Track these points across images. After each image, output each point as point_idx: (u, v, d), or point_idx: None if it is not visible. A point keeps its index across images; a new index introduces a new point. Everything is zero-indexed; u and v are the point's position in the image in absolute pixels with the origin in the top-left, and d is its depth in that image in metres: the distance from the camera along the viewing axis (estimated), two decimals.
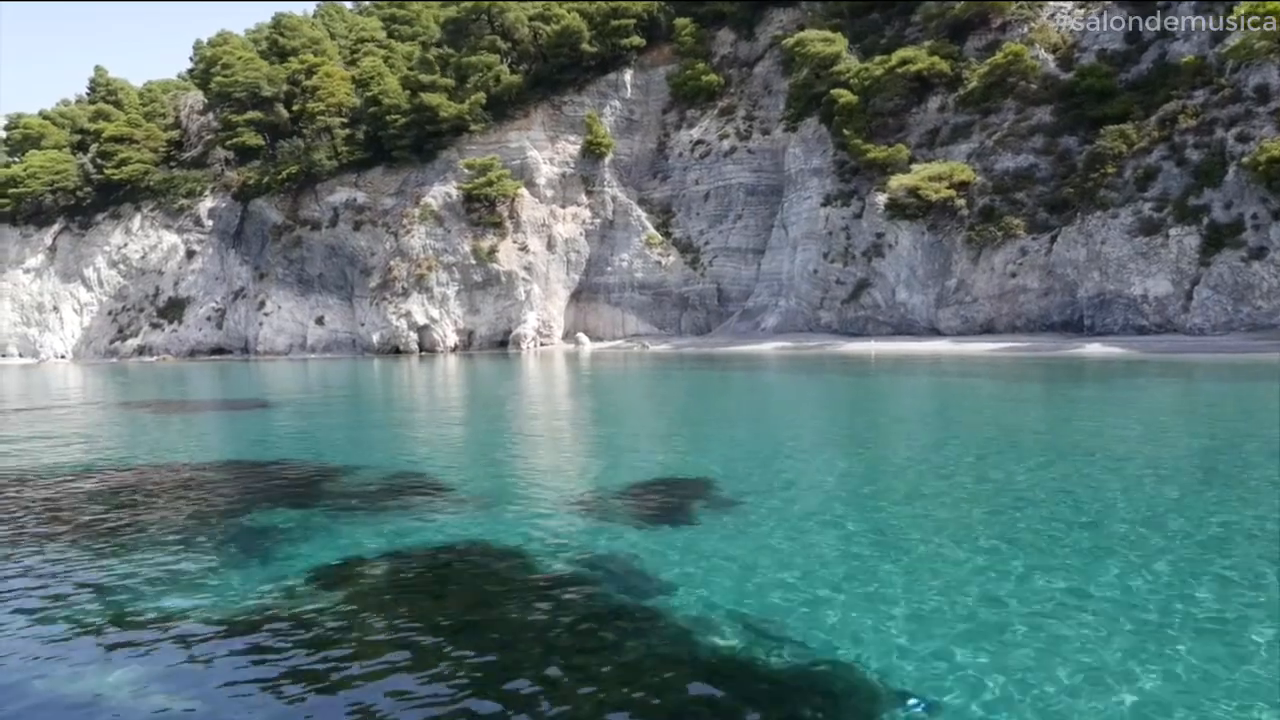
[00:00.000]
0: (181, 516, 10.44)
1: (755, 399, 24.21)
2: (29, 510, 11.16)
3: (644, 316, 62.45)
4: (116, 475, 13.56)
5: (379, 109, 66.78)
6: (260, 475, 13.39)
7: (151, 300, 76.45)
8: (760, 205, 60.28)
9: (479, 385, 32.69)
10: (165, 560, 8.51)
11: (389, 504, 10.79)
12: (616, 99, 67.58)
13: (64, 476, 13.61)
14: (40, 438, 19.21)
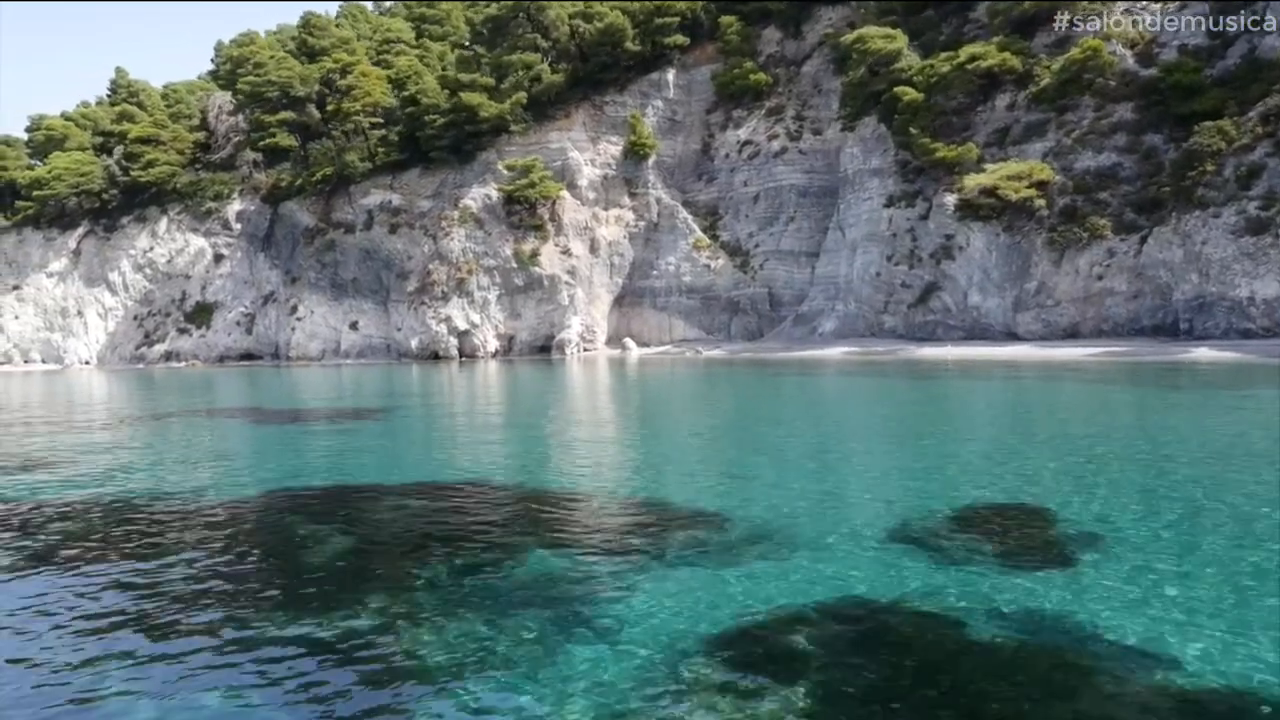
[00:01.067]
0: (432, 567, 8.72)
1: (904, 409, 22.49)
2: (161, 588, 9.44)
3: (691, 321, 60.78)
4: (313, 499, 11.84)
5: (416, 109, 65.20)
6: (474, 502, 11.67)
7: (178, 305, 74.74)
8: (813, 207, 58.68)
9: (568, 391, 30.94)
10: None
11: (704, 542, 9.03)
12: (659, 99, 66.02)
13: (220, 508, 11.89)
14: (142, 460, 17.50)
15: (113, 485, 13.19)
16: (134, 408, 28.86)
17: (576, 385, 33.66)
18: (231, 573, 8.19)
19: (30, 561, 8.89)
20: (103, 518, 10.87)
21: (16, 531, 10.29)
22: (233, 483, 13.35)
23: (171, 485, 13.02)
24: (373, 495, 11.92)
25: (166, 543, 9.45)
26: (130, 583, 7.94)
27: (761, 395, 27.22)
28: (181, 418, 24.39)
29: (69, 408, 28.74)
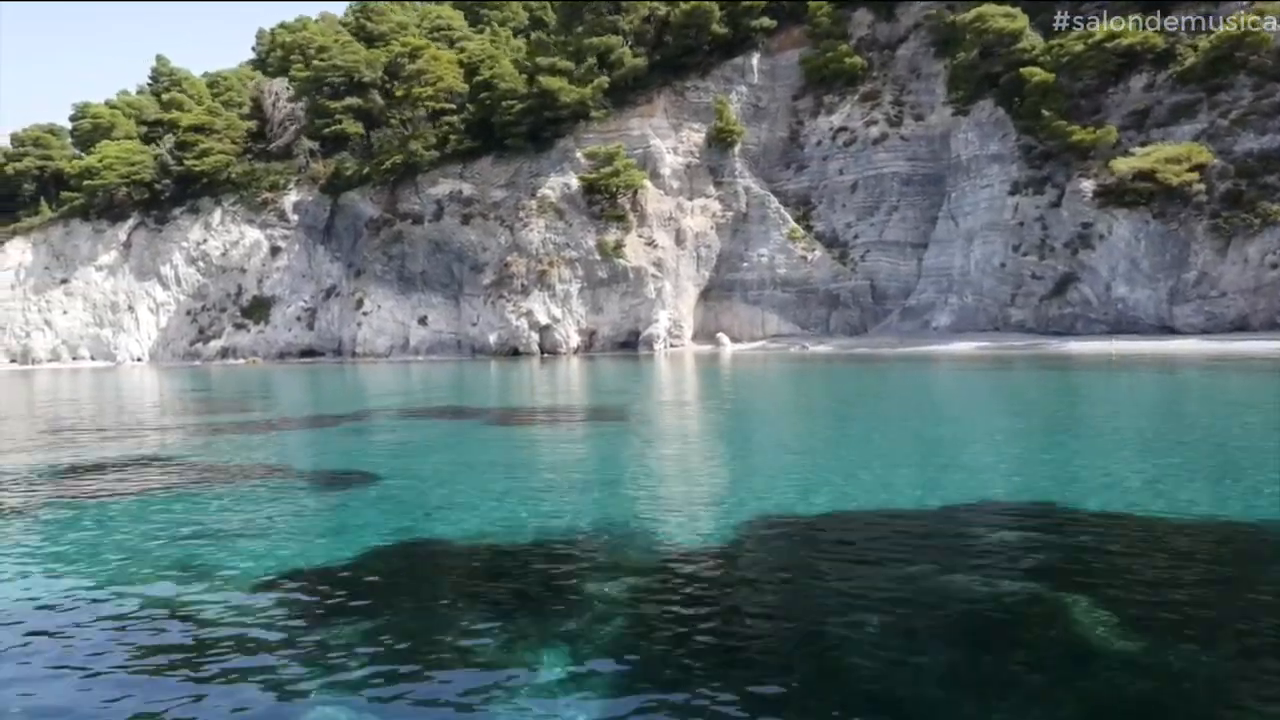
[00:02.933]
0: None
1: (1146, 409, 19.75)
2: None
3: (786, 315, 58.06)
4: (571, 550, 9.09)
5: (491, 94, 62.46)
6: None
7: (234, 299, 71.94)
8: (917, 195, 56.01)
9: (733, 389, 28.07)
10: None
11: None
12: (743, 84, 63.31)
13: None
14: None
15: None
16: (224, 413, 26.02)
17: (724, 382, 30.88)
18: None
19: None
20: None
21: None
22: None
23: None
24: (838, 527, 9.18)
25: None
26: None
27: (948, 393, 24.48)
28: (315, 425, 21.62)
29: (118, 411, 25.88)
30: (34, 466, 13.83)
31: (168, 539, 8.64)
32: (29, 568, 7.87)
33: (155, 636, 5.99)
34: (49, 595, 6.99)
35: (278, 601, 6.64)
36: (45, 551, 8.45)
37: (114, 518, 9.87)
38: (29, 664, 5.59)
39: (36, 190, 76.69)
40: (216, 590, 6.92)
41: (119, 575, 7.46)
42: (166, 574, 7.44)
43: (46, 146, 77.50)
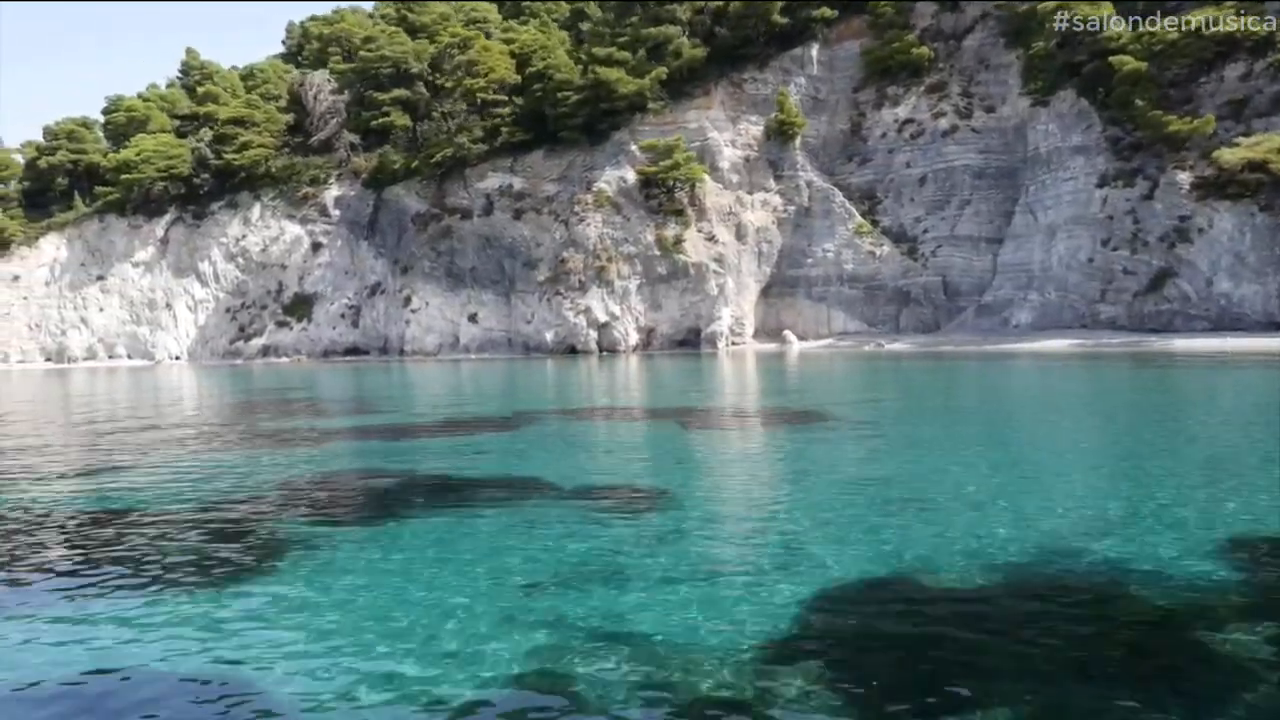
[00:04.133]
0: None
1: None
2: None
3: (853, 313, 56.55)
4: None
5: (545, 85, 60.89)
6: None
7: (275, 297, 70.33)
8: (990, 189, 54.50)
9: (888, 391, 26.52)
10: None
11: None
12: (801, 76, 61.80)
13: None
14: None
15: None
16: (354, 415, 24.45)
17: (843, 381, 29.36)
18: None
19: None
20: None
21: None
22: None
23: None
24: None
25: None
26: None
27: (1116, 392, 22.99)
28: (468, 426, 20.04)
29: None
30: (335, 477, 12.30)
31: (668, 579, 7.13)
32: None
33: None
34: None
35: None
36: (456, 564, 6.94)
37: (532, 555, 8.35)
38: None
39: (70, 185, 74.98)
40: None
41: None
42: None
43: (80, 140, 75.79)
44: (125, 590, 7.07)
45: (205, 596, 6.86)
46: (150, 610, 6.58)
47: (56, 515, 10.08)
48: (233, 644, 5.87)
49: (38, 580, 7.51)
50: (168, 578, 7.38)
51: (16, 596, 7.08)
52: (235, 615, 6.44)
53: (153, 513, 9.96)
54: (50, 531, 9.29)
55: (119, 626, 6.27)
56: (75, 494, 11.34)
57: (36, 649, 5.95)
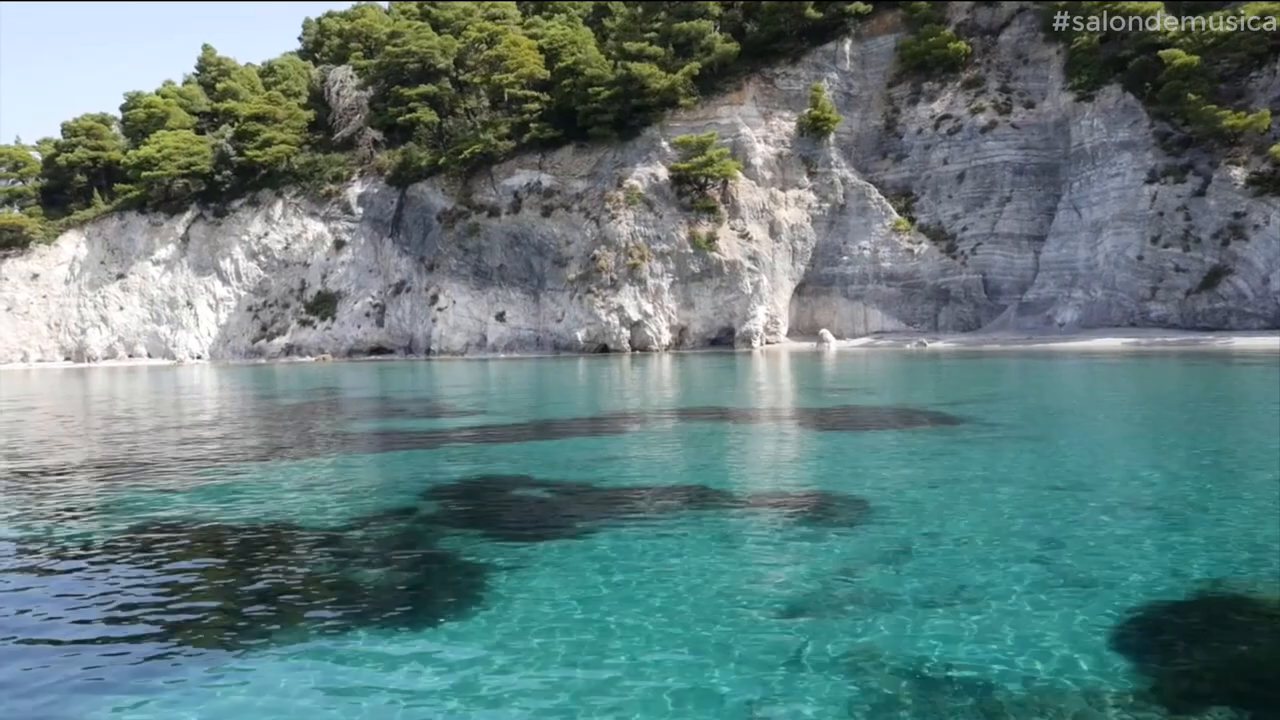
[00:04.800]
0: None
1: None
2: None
3: (890, 311, 55.78)
4: None
5: (575, 80, 60.06)
6: None
7: (297, 295, 69.48)
8: (1031, 186, 53.75)
9: (968, 388, 25.73)
10: None
11: None
12: (834, 71, 61.02)
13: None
14: None
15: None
16: (445, 416, 23.57)
17: (905, 379, 28.55)
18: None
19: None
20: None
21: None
22: None
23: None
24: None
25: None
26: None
27: (1209, 392, 22.21)
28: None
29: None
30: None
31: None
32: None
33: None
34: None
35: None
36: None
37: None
38: None
39: (89, 182, 74.11)
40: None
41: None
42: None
43: (99, 136, 74.89)
44: (318, 625, 6.20)
45: (396, 633, 5.90)
46: (337, 647, 5.67)
47: (191, 532, 9.28)
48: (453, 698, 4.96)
49: (198, 620, 6.70)
50: (348, 610, 6.54)
51: (188, 639, 6.29)
52: (445, 657, 5.46)
53: (303, 529, 9.12)
54: (200, 556, 8.49)
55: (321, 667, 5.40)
56: (200, 512, 10.53)
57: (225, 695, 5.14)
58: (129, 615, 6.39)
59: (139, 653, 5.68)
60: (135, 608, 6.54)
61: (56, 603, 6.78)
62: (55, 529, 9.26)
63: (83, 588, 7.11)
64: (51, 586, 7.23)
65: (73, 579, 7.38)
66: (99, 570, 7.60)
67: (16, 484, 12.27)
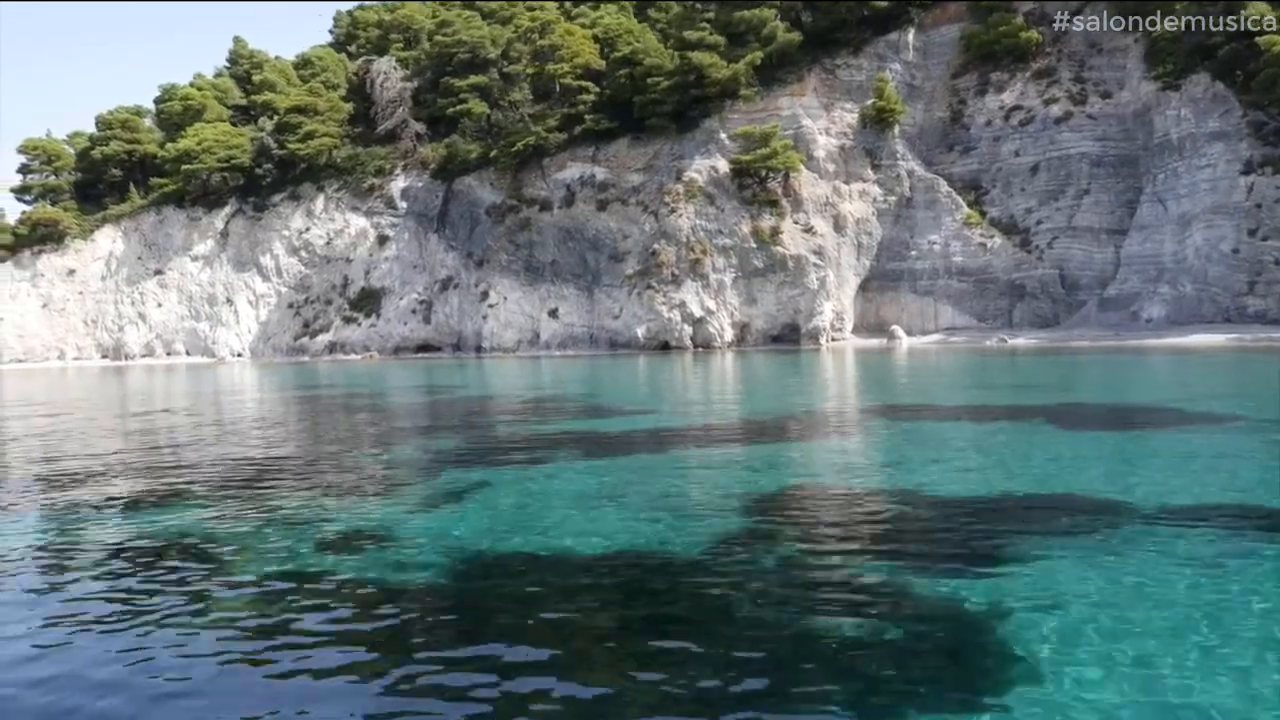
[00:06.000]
0: None
1: None
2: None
3: (962, 307, 54.27)
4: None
5: (633, 71, 58.49)
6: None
7: (340, 291, 67.87)
8: (1110, 178, 52.27)
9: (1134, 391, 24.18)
10: None
11: None
12: (896, 62, 59.50)
13: None
14: None
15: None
16: (613, 416, 21.92)
17: (1032, 379, 27.03)
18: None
19: None
20: None
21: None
22: None
23: None
24: None
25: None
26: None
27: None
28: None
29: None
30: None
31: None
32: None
33: None
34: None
35: None
36: None
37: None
38: None
39: (124, 176, 72.49)
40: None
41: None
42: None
43: (134, 129, 73.28)
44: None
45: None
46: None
47: (481, 585, 7.73)
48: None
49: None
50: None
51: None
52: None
53: (712, 567, 7.58)
54: (495, 609, 6.94)
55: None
56: (464, 550, 8.96)
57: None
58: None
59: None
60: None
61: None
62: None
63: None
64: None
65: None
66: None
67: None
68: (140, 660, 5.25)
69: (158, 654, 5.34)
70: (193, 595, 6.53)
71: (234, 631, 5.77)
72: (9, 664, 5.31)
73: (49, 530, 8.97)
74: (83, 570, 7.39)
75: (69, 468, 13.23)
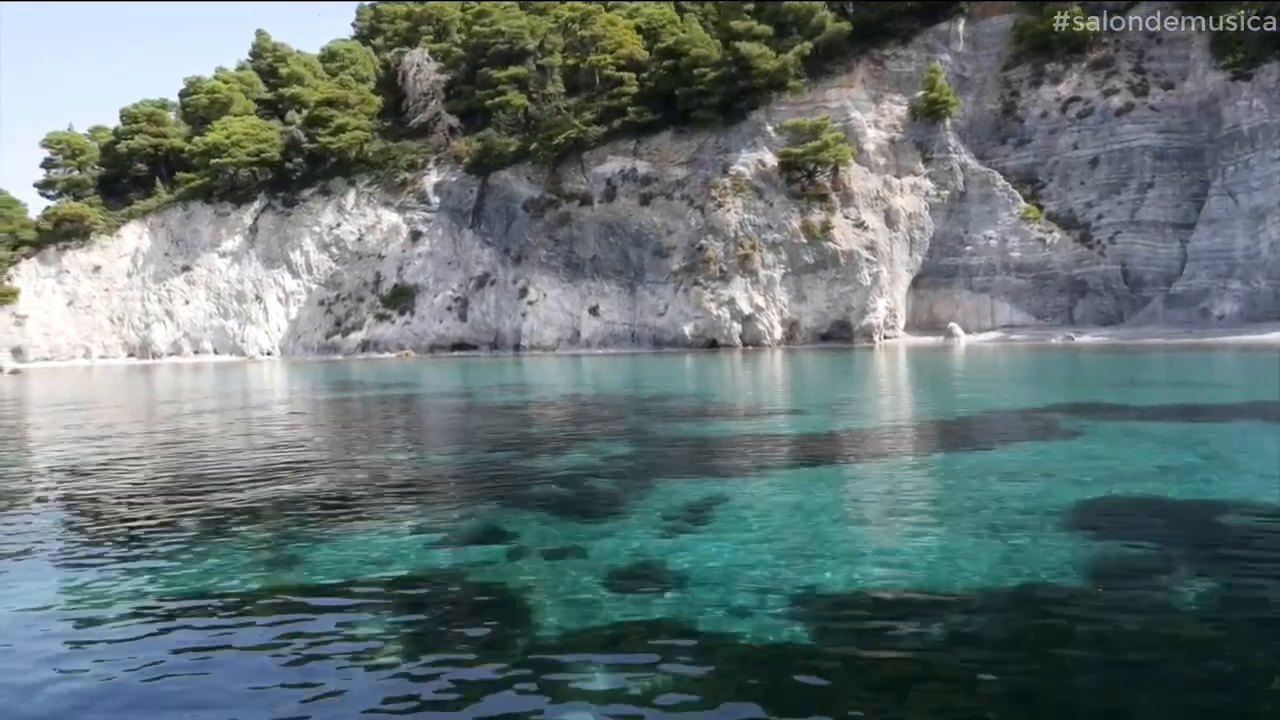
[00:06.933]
0: None
1: None
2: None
3: (1019, 304, 52.83)
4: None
5: (678, 62, 57.04)
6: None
7: (372, 288, 66.43)
8: (1175, 171, 50.78)
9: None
10: None
11: None
12: (946, 53, 58.08)
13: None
14: None
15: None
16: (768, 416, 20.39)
17: (1163, 381, 25.63)
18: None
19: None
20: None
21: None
22: None
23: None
24: None
25: None
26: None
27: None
28: None
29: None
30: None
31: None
32: None
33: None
34: None
35: None
36: None
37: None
38: None
39: (149, 170, 71.04)
40: None
41: None
42: None
43: (160, 123, 71.82)
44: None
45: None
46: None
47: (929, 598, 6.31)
48: None
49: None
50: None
51: None
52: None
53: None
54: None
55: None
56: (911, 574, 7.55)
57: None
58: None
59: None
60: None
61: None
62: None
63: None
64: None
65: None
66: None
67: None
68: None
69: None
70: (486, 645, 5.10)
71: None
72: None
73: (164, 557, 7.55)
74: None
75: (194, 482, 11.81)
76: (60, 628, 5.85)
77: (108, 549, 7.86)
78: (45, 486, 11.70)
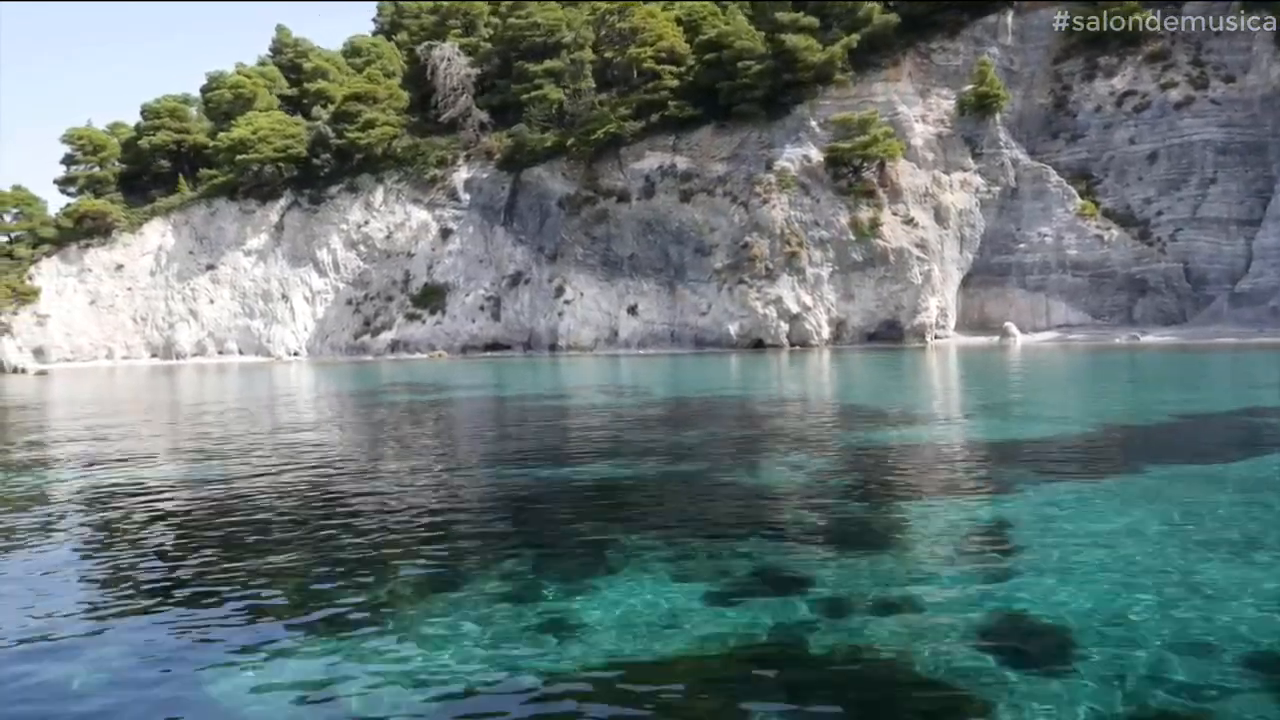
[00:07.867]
0: None
1: None
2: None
3: (1076, 303, 51.41)
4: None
5: (720, 55, 55.61)
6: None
7: (401, 287, 64.87)
8: (1238, 166, 49.42)
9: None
10: None
11: None
12: (994, 46, 56.72)
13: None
14: None
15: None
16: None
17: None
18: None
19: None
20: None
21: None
22: None
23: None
24: None
25: None
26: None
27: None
28: None
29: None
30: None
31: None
32: None
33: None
34: None
35: None
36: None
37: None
38: None
39: (172, 167, 69.48)
40: None
41: None
42: None
43: (183, 119, 70.28)
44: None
45: None
46: None
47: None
48: None
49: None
50: None
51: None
52: None
53: None
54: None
55: None
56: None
57: None
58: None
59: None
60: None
61: None
62: None
63: None
64: None
65: None
66: None
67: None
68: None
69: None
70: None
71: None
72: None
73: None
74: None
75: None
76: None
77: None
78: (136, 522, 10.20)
